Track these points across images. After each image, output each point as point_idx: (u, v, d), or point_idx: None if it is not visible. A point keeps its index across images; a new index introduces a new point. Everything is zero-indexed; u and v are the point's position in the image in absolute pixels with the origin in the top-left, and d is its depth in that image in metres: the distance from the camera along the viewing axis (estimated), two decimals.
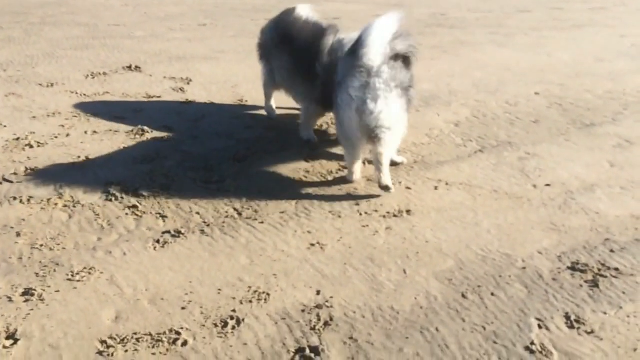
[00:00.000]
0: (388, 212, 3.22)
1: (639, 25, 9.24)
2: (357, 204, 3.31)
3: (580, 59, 7.05)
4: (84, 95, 4.97)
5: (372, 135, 3.32)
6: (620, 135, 4.46)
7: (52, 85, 5.17)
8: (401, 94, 3.40)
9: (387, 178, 3.35)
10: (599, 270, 2.73)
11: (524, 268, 2.74)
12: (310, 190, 3.46)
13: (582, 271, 2.72)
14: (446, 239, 2.97)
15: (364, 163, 3.83)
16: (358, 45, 3.29)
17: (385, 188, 3.35)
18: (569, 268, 2.74)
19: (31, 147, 3.85)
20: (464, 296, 2.53)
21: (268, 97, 4.63)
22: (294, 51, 4.08)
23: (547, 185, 3.63)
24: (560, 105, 5.24)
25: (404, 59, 3.54)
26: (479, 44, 7.73)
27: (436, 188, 3.55)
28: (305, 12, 4.30)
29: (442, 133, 4.49)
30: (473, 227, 3.10)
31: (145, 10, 9.16)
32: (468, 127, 4.64)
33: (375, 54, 3.26)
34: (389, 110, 3.30)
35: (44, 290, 2.45)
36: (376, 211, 3.25)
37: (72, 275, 2.55)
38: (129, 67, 5.84)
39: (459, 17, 9.71)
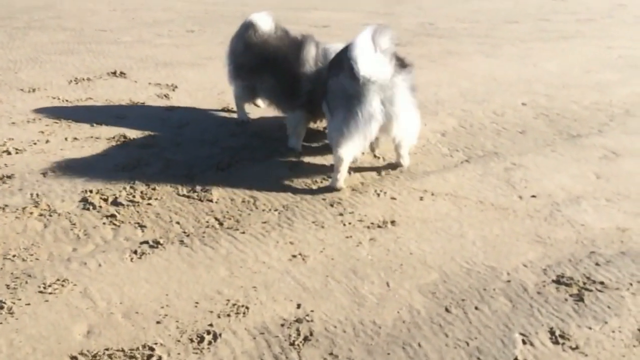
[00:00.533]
0: (372, 223, 3.17)
1: (625, 37, 9.31)
2: (341, 215, 3.26)
3: (567, 69, 7.07)
4: (66, 101, 4.89)
5: (395, 142, 3.76)
6: (606, 146, 4.45)
7: (33, 90, 5.08)
8: (413, 96, 3.67)
9: (407, 161, 3.91)
10: (584, 283, 2.69)
11: (509, 281, 2.69)
12: (293, 200, 3.41)
13: (567, 285, 2.68)
14: (430, 251, 2.92)
15: (349, 172, 3.78)
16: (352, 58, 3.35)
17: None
18: (554, 281, 2.71)
19: (9, 153, 3.76)
20: (447, 310, 2.47)
21: (241, 107, 4.64)
22: (276, 66, 4.09)
23: (533, 196, 3.60)
24: (547, 115, 5.23)
25: (400, 60, 3.61)
26: (467, 54, 7.74)
27: (421, 198, 3.51)
28: (268, 22, 4.33)
29: (429, 143, 4.45)
30: (458, 239, 3.05)
31: (133, 15, 9.09)
32: (455, 136, 4.61)
33: (387, 67, 3.41)
34: (412, 119, 3.63)
35: (13, 303, 2.37)
36: (360, 221, 3.19)
37: (44, 288, 2.47)
38: (114, 73, 5.77)
39: (448, 27, 9.73)
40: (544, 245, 3.02)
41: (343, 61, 3.47)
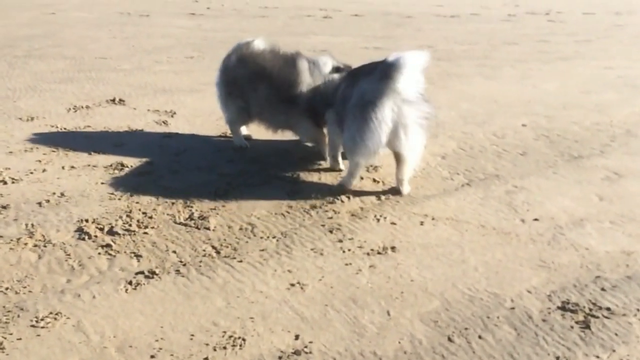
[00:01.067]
0: (372, 249, 3.12)
1: (623, 57, 9.34)
2: (340, 241, 3.20)
3: (567, 90, 7.07)
4: (64, 129, 4.88)
5: (398, 157, 3.76)
6: (608, 167, 4.41)
7: (32, 119, 5.07)
8: (424, 121, 3.74)
9: (407, 188, 3.87)
10: (590, 310, 2.63)
11: (513, 308, 2.63)
12: (292, 227, 3.36)
13: (572, 311, 2.61)
14: (432, 278, 2.86)
15: (347, 197, 3.74)
16: (394, 70, 3.52)
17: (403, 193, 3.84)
18: (559, 308, 2.64)
19: (5, 183, 3.73)
20: (450, 339, 2.41)
21: (237, 133, 4.63)
22: (272, 81, 4.22)
23: (535, 219, 3.54)
24: (548, 137, 5.20)
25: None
26: (466, 76, 7.75)
27: (422, 223, 3.45)
28: (263, 43, 4.52)
29: (429, 166, 4.42)
30: (460, 265, 2.99)
31: (132, 42, 9.14)
32: (455, 159, 4.58)
33: (410, 82, 3.57)
34: (417, 137, 3.68)
35: (4, 338, 2.31)
36: (360, 248, 3.14)
37: (37, 321, 2.41)
38: (113, 100, 5.77)
39: (447, 49, 9.77)
40: (548, 270, 2.96)
41: (373, 69, 3.66)
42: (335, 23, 12.66)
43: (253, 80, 4.31)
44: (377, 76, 3.60)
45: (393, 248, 3.14)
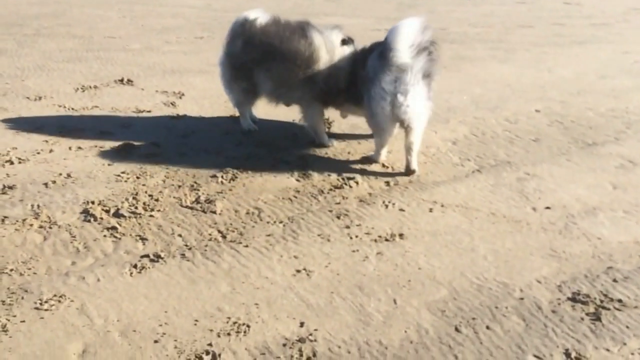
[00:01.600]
0: (380, 236, 3.07)
1: None
2: (348, 227, 3.16)
3: (582, 75, 6.93)
4: (72, 109, 4.85)
5: (403, 125, 3.80)
6: (623, 155, 4.32)
7: (39, 98, 5.05)
8: (426, 83, 3.80)
9: (415, 163, 3.88)
10: (601, 301, 2.57)
11: (522, 299, 2.58)
12: (299, 212, 3.32)
13: (583, 302, 2.56)
14: (440, 266, 2.82)
15: (355, 182, 3.69)
16: (387, 46, 3.65)
17: (413, 172, 3.85)
18: (569, 299, 2.59)
19: (11, 163, 3.71)
20: (457, 329, 2.37)
21: (245, 115, 4.55)
22: (283, 57, 4.02)
23: (547, 208, 3.48)
24: (562, 123, 5.10)
25: (428, 51, 3.77)
26: (480, 59, 7.62)
27: (431, 210, 3.40)
28: (262, 15, 4.25)
29: (439, 151, 4.35)
30: (469, 253, 2.94)
31: (142, 22, 9.07)
32: (466, 145, 4.50)
33: (403, 53, 3.62)
34: (417, 102, 3.73)
35: (8, 320, 2.30)
36: (367, 234, 3.10)
37: (40, 304, 2.40)
38: (121, 81, 5.73)
39: (460, 32, 9.61)
40: (559, 260, 2.90)
41: (377, 46, 3.83)
42: (346, 4, 12.49)
43: (265, 61, 4.11)
44: (377, 52, 3.78)
45: (401, 235, 3.09)
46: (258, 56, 4.12)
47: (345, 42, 4.23)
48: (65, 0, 10.92)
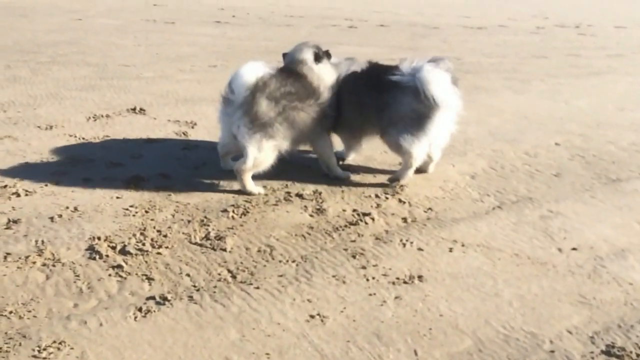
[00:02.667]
0: (397, 278, 2.92)
1: None
2: (364, 268, 3.01)
3: (600, 107, 6.79)
4: (83, 138, 4.77)
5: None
6: None
7: (51, 127, 4.98)
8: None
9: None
10: (638, 355, 2.39)
11: (552, 351, 2.40)
12: (313, 250, 3.17)
13: (618, 356, 2.39)
14: (463, 312, 2.65)
15: (372, 219, 3.55)
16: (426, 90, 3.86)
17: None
18: (603, 352, 2.41)
19: (18, 195, 3.61)
20: None
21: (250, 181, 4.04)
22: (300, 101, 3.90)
23: (574, 249, 3.31)
24: (583, 157, 4.95)
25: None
26: (495, 90, 7.51)
27: (451, 250, 3.25)
28: (261, 69, 3.85)
29: (457, 186, 4.20)
30: (493, 298, 2.77)
31: (157, 50, 9.09)
32: (485, 179, 4.36)
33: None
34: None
35: None
36: (385, 276, 2.94)
37: (39, 351, 2.25)
38: (133, 109, 5.67)
39: (474, 62, 9.54)
40: (590, 308, 2.73)
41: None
42: (360, 33, 12.51)
43: (282, 111, 3.82)
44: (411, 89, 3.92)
45: (420, 277, 2.93)
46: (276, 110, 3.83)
47: (318, 56, 4.13)
48: (82, 27, 11.02)
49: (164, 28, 11.60)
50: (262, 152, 3.79)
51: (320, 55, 4.16)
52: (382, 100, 4.01)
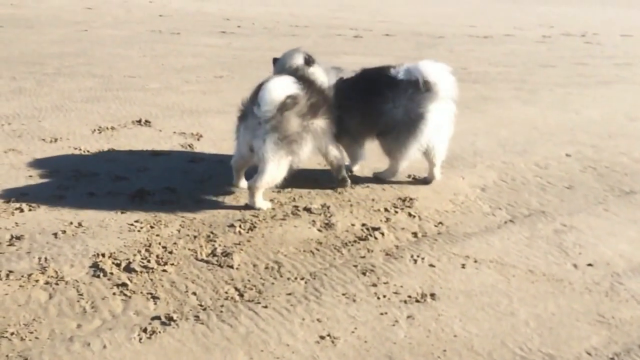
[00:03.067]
0: (409, 296, 2.83)
1: None
2: (375, 285, 2.93)
3: (611, 117, 6.71)
4: (88, 151, 4.72)
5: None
6: None
7: (55, 140, 4.94)
8: None
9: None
10: None
11: None
12: (322, 266, 3.10)
13: None
14: (477, 333, 2.56)
15: (381, 234, 3.47)
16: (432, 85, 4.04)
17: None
18: None
19: (21, 211, 3.55)
20: None
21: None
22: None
23: (589, 265, 3.22)
24: (595, 169, 4.86)
25: None
26: (503, 100, 7.44)
27: (463, 266, 3.16)
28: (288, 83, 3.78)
29: (468, 199, 4.12)
30: (508, 318, 2.69)
31: (162, 61, 9.07)
32: (496, 192, 4.28)
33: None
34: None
35: None
36: (396, 294, 2.86)
37: None
38: (139, 122, 5.62)
39: (481, 72, 9.48)
40: (609, 327, 2.64)
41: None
42: (366, 42, 12.48)
43: (307, 124, 3.83)
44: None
45: (432, 295, 2.85)
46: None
47: (308, 61, 4.16)
48: (88, 38, 11.03)
49: (169, 39, 11.60)
50: (280, 169, 3.72)
51: (310, 60, 4.19)
52: (378, 103, 4.05)
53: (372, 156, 4.43)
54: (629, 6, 29.99)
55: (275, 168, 3.69)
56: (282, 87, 3.66)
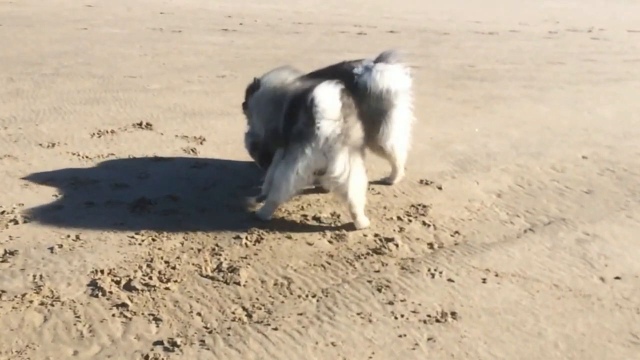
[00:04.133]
0: (429, 315, 2.65)
1: None
2: (391, 303, 2.75)
3: (625, 116, 6.51)
4: (86, 157, 4.54)
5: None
6: None
7: (53, 145, 4.76)
8: None
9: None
10: None
11: None
12: (334, 282, 2.92)
13: None
14: (504, 357, 2.38)
15: (395, 245, 3.29)
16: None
17: None
18: None
19: (16, 222, 3.37)
20: None
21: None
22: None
23: (617, 278, 3.04)
24: (613, 172, 4.67)
25: None
26: (513, 99, 7.24)
27: (484, 280, 2.98)
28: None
29: (484, 206, 3.94)
30: (536, 339, 2.51)
31: (163, 60, 8.88)
32: (512, 198, 4.09)
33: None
34: None
35: None
36: (414, 313, 2.68)
37: None
38: (139, 124, 5.44)
39: (489, 69, 9.27)
40: None
41: None
42: (370, 40, 12.27)
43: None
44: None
45: (453, 314, 2.67)
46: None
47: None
48: (87, 37, 10.83)
49: (170, 37, 11.41)
50: (362, 178, 3.53)
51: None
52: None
53: (382, 162, 4.24)
54: (632, 1, 29.68)
55: (359, 181, 3.43)
56: (333, 94, 3.26)
